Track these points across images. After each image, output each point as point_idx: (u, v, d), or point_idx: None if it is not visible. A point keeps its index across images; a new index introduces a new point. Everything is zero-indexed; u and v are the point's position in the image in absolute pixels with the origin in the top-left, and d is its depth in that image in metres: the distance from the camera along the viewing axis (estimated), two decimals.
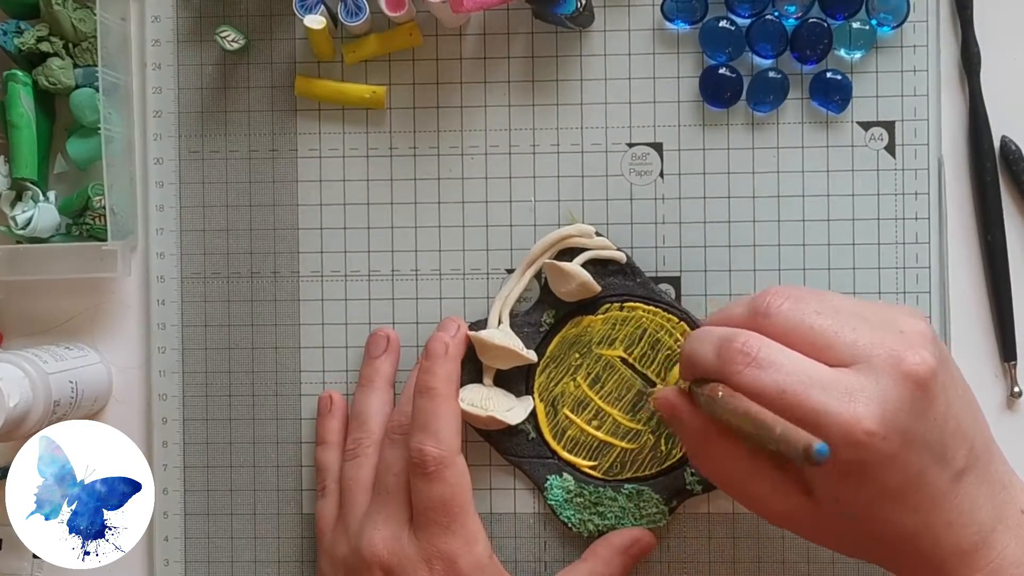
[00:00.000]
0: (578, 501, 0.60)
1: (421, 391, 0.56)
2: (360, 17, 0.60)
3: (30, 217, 0.60)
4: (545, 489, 0.61)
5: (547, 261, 0.60)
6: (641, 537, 0.59)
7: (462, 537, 0.54)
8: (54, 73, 0.60)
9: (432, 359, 0.57)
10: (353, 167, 0.62)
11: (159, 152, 0.63)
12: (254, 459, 0.62)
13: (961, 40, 0.60)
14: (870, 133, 0.60)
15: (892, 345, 0.45)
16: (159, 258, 0.63)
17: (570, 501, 0.60)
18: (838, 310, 0.47)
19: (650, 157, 0.61)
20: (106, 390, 0.62)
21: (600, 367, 0.60)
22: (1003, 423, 0.60)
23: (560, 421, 0.61)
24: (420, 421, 0.55)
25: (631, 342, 0.60)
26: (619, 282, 0.60)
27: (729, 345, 0.46)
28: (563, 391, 0.61)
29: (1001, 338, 0.60)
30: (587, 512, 0.60)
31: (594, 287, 0.59)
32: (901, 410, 0.43)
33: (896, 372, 0.44)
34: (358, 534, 0.56)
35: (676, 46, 0.61)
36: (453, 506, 0.54)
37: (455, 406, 0.56)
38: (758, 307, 0.47)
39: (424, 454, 0.54)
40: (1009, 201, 0.61)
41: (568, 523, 0.60)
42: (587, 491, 0.60)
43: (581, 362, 0.60)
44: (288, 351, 0.62)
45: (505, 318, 0.60)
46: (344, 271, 0.62)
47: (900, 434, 0.43)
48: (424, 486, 0.54)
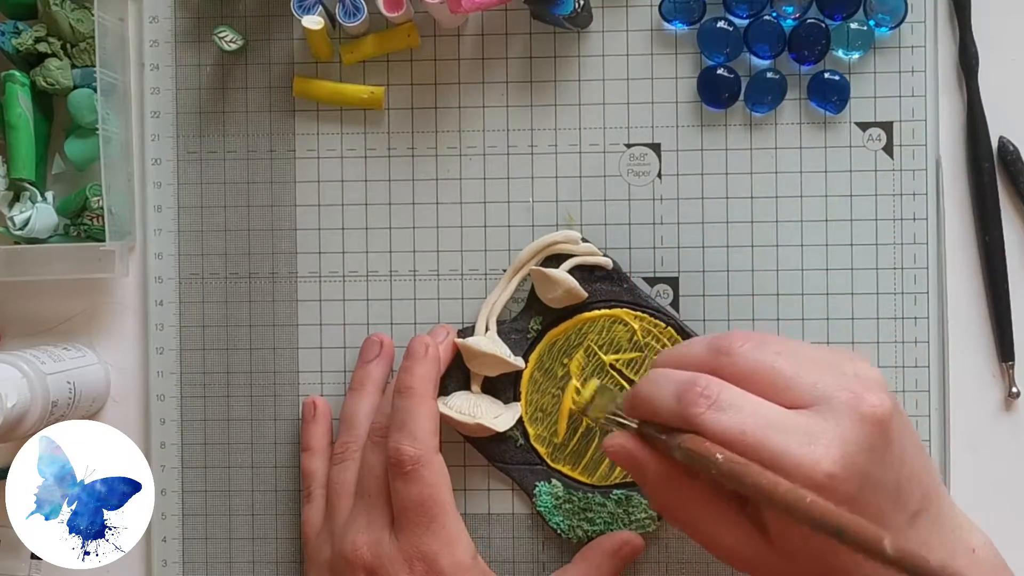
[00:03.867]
0: (567, 507, 0.60)
1: (399, 390, 0.56)
2: (358, 18, 0.60)
3: (28, 218, 0.60)
4: (534, 496, 0.61)
5: (533, 268, 0.59)
6: (630, 540, 0.59)
7: (443, 537, 0.54)
8: (52, 74, 0.60)
9: (412, 359, 0.57)
10: (351, 168, 0.62)
11: (157, 153, 0.63)
12: (252, 460, 0.62)
13: (959, 41, 0.60)
14: (868, 134, 0.60)
15: (851, 387, 0.45)
16: (157, 259, 0.63)
17: (559, 507, 0.60)
18: (796, 353, 0.47)
19: (648, 158, 0.61)
20: (104, 391, 0.62)
21: (588, 373, 0.60)
22: (1001, 424, 0.60)
23: (548, 428, 0.61)
24: (398, 420, 0.56)
25: (618, 348, 0.60)
26: (606, 288, 0.60)
27: (690, 388, 0.45)
28: (551, 399, 0.61)
29: (999, 338, 0.60)
30: (576, 518, 0.60)
31: (580, 293, 0.59)
32: (860, 452, 0.43)
33: (856, 413, 0.44)
34: (342, 537, 0.57)
35: (674, 47, 0.61)
36: (432, 506, 0.54)
37: (432, 406, 0.56)
38: (720, 346, 0.47)
39: (401, 453, 0.54)
40: (1007, 201, 0.61)
41: (557, 529, 0.60)
42: (576, 497, 0.60)
43: (568, 368, 0.60)
44: (286, 352, 0.62)
45: (492, 325, 0.60)
46: (342, 272, 0.62)
47: (859, 476, 0.43)
48: (402, 486, 0.54)
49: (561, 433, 0.60)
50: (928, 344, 0.60)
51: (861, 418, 0.44)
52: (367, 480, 0.57)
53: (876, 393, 0.45)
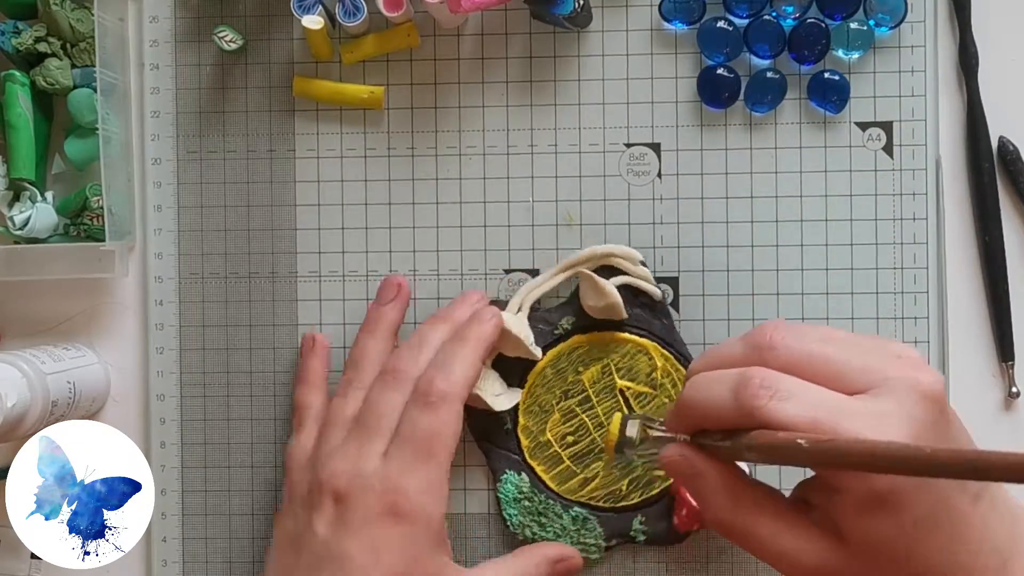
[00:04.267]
0: (526, 504, 0.60)
1: (459, 336, 0.56)
2: (358, 17, 0.60)
3: (28, 217, 0.60)
4: (500, 480, 0.60)
5: (585, 271, 0.59)
6: (572, 557, 0.58)
7: (425, 480, 0.53)
8: (52, 73, 0.60)
9: (478, 320, 0.57)
10: (351, 167, 0.62)
11: (157, 152, 0.63)
12: (252, 460, 0.62)
13: (959, 40, 0.60)
14: (868, 133, 0.60)
15: (902, 367, 0.44)
16: (157, 258, 0.63)
17: (519, 501, 0.60)
18: (839, 339, 0.46)
19: (648, 157, 0.61)
20: (104, 391, 0.62)
21: (597, 390, 0.60)
22: (1001, 424, 0.60)
23: (538, 424, 0.61)
24: (440, 359, 0.55)
25: (635, 377, 0.60)
26: (644, 316, 0.60)
27: (748, 382, 0.44)
28: (553, 398, 0.61)
29: (999, 338, 0.60)
30: (529, 518, 0.60)
31: (621, 312, 0.59)
32: (926, 430, 0.43)
33: (916, 392, 0.43)
34: (323, 463, 0.55)
35: (674, 46, 0.61)
36: (436, 443, 0.54)
37: (479, 362, 0.56)
38: (760, 342, 0.45)
39: (433, 384, 0.54)
40: (1007, 201, 0.61)
41: (508, 521, 0.60)
42: (537, 499, 0.60)
43: (581, 377, 0.60)
44: (286, 352, 0.62)
45: (526, 308, 0.60)
46: (342, 271, 0.62)
47: None
48: (418, 414, 0.54)
49: (607, 463, 0.60)
50: (928, 344, 0.60)
51: (922, 396, 0.43)
52: (369, 414, 0.56)
53: (927, 371, 0.44)
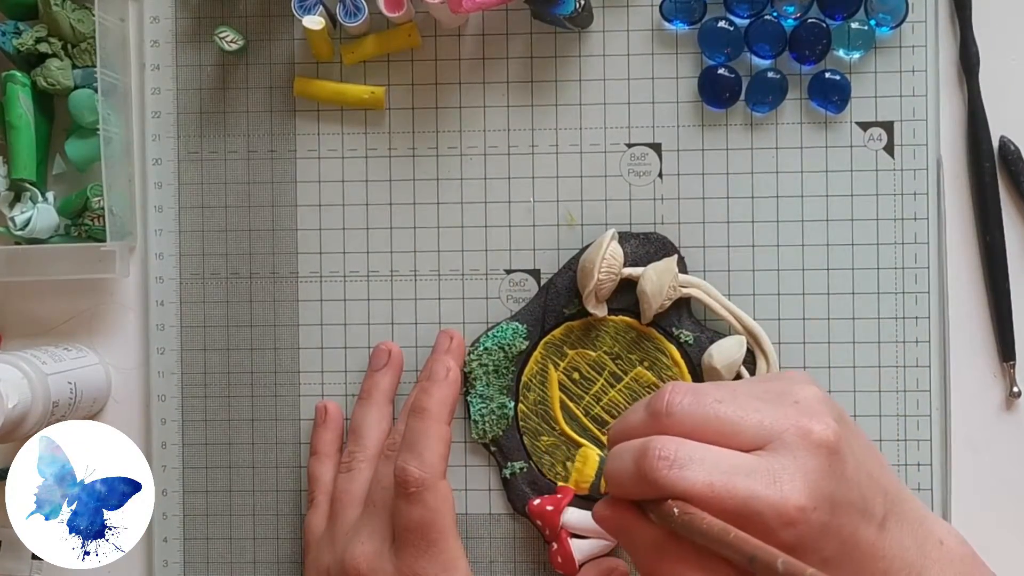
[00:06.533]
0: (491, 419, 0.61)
1: (415, 411, 0.57)
2: (359, 18, 0.60)
3: (29, 218, 0.60)
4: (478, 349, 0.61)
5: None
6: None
7: (439, 563, 0.54)
8: (53, 74, 0.60)
9: (431, 380, 0.58)
10: (352, 168, 0.62)
11: (158, 153, 0.63)
12: (253, 460, 0.62)
13: (960, 40, 0.60)
14: (869, 133, 0.60)
15: (795, 418, 0.45)
16: (158, 259, 0.63)
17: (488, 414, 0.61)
18: (735, 394, 0.46)
19: (649, 157, 0.61)
20: (105, 391, 0.62)
21: (626, 366, 0.61)
22: (1002, 423, 0.60)
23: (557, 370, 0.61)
24: (408, 440, 0.56)
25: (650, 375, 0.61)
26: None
27: (645, 453, 0.44)
28: (580, 357, 0.61)
29: (1000, 338, 0.60)
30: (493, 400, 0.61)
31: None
32: (822, 478, 0.44)
33: (807, 443, 0.44)
34: (344, 546, 0.57)
35: (675, 46, 0.61)
36: (432, 530, 0.54)
37: (446, 431, 0.56)
38: (658, 408, 0.46)
39: (407, 474, 0.55)
40: (1008, 201, 0.60)
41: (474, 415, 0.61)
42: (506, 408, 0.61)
43: (619, 353, 0.61)
44: (287, 352, 0.62)
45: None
46: (343, 272, 0.62)
47: (828, 501, 0.43)
48: (405, 506, 0.55)
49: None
50: (929, 344, 0.60)
51: (814, 446, 0.44)
52: (376, 492, 0.57)
53: (820, 418, 0.45)
